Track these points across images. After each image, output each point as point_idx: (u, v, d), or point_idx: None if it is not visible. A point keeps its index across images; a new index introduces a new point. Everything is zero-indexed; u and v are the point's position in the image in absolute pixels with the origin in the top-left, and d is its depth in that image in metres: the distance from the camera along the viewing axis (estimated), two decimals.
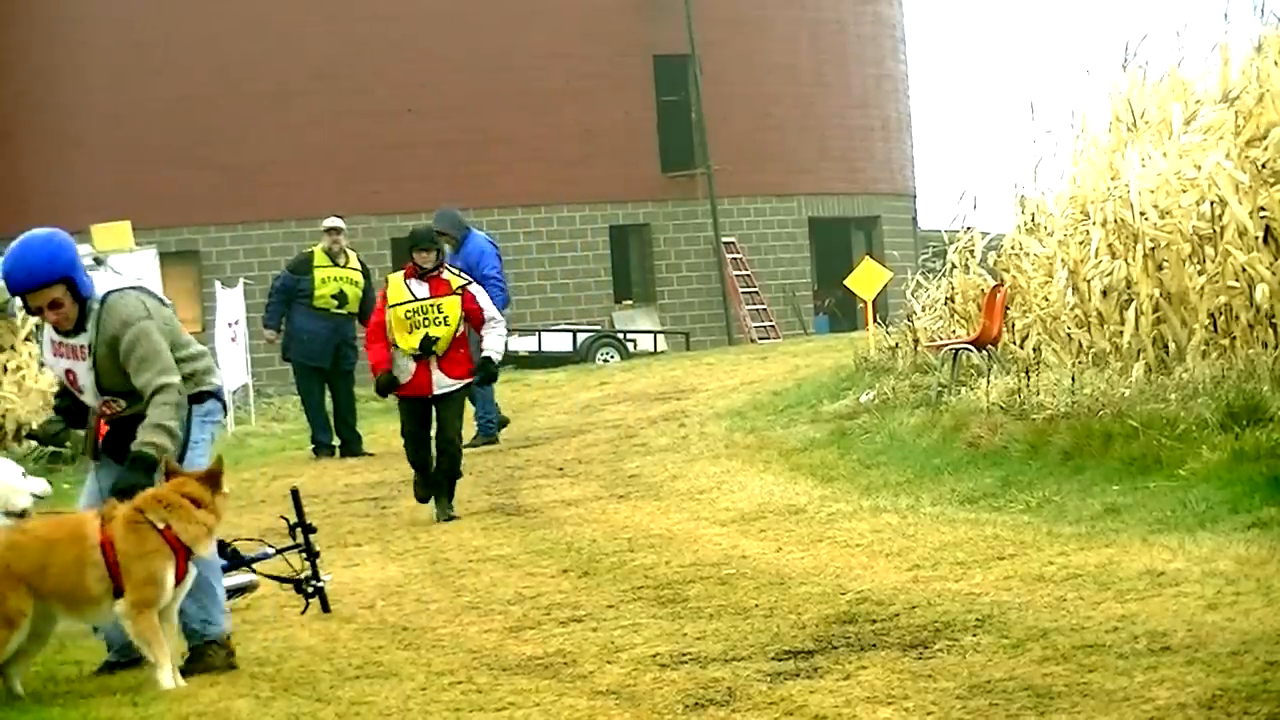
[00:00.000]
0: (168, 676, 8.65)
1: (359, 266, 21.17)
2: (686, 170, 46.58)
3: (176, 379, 9.20)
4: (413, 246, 15.29)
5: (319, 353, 20.71)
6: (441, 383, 15.01)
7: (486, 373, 15.30)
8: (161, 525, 8.75)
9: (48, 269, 9.16)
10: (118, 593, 8.71)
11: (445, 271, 15.36)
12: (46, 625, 8.87)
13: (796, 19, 47.99)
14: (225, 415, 10.02)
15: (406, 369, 15.01)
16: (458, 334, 15.05)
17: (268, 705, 8.23)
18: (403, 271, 15.44)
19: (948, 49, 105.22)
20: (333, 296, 20.69)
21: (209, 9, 43.54)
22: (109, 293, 9.32)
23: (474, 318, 15.09)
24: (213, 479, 9.02)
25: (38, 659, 9.74)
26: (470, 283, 15.44)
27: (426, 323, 14.99)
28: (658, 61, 46.52)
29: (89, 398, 9.42)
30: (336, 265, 20.76)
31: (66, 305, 9.21)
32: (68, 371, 9.38)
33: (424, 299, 15.04)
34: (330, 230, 20.97)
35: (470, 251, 20.49)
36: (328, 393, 21.01)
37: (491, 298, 20.53)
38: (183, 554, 8.77)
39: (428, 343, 14.95)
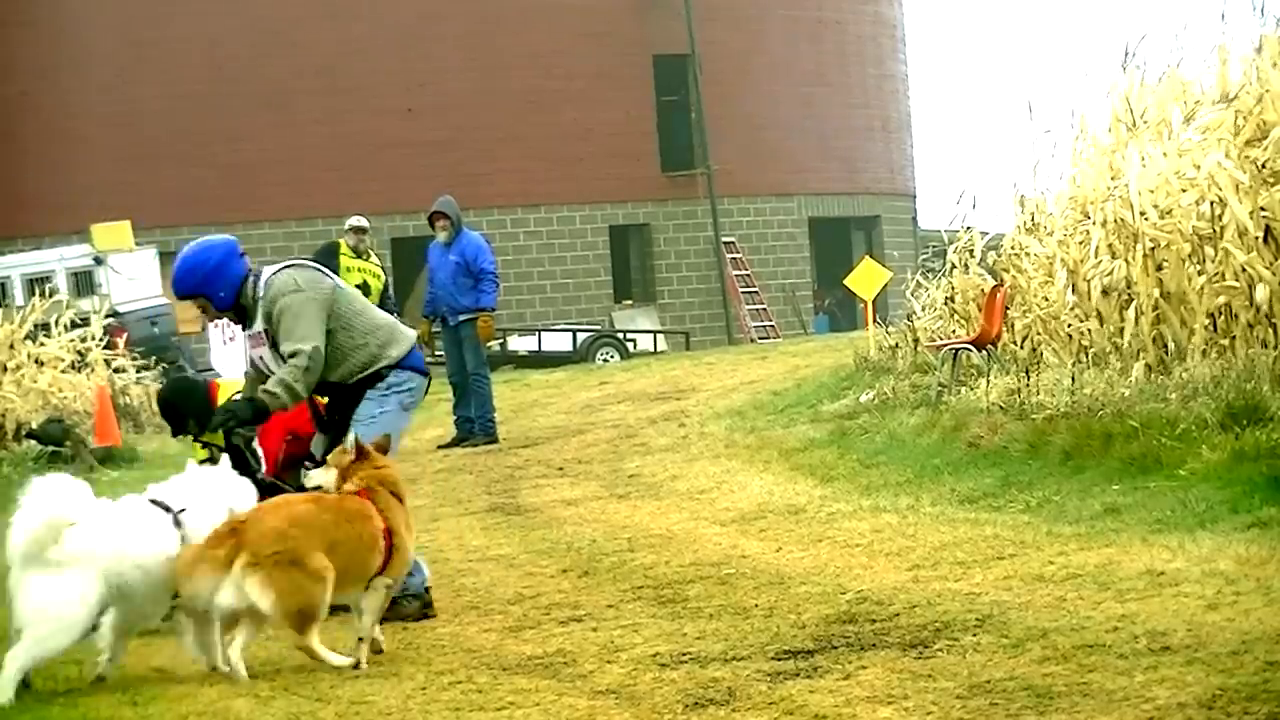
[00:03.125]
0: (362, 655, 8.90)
1: (379, 262, 21.38)
2: (686, 170, 46.59)
3: (309, 346, 9.77)
4: None
5: None
6: None
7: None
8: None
9: (192, 280, 10.00)
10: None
11: None
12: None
13: (796, 19, 48.00)
14: (421, 382, 10.19)
15: None
16: None
17: (267, 705, 8.23)
18: None
19: (948, 49, 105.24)
20: (356, 286, 20.76)
21: (209, 9, 43.56)
22: (271, 275, 9.97)
23: None
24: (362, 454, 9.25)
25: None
26: None
27: None
28: (658, 61, 46.54)
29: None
30: (359, 258, 20.87)
31: (210, 311, 10.09)
32: (258, 358, 10.04)
33: None
34: (355, 229, 21.03)
35: (468, 245, 20.55)
36: None
37: (484, 291, 20.64)
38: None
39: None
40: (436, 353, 41.35)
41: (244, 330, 10.13)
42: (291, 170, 43.14)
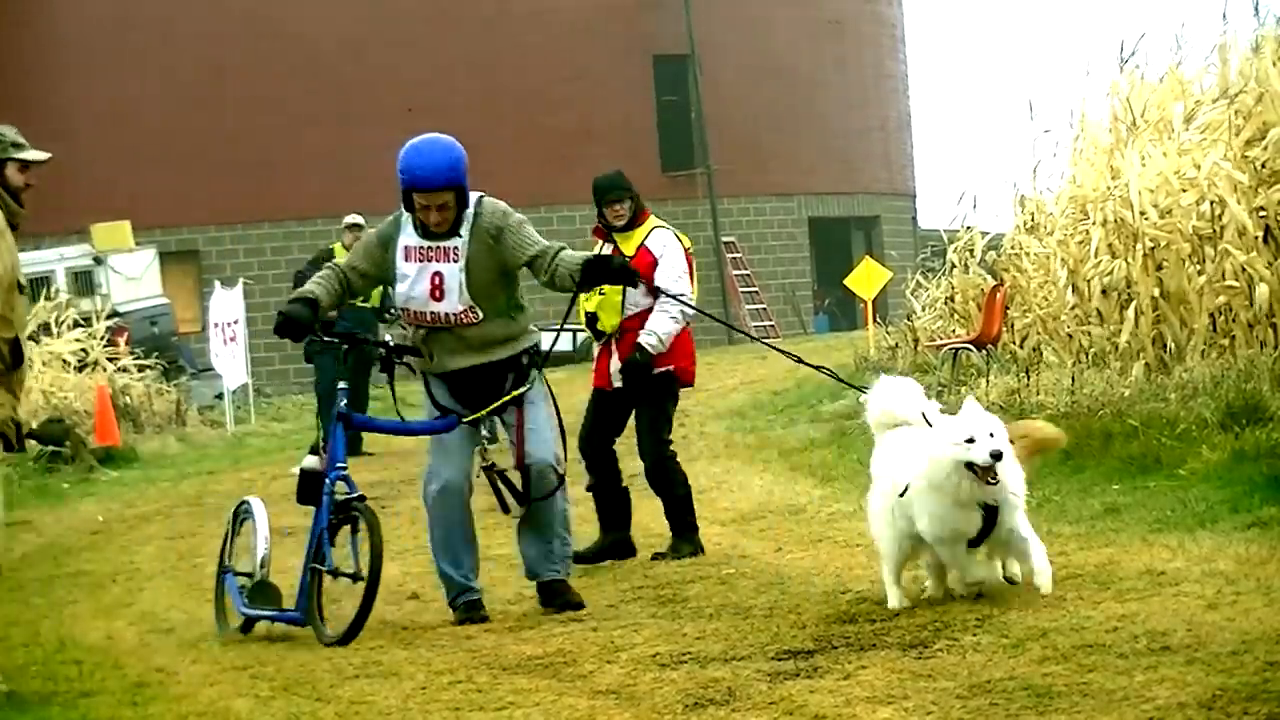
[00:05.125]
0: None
1: None
2: (686, 170, 46.58)
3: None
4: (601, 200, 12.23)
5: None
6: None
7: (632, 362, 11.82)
8: None
9: (455, 172, 9.83)
10: None
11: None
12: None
13: (796, 19, 47.98)
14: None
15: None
16: (631, 308, 11.94)
17: (267, 705, 8.23)
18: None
19: (948, 49, 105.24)
20: None
21: (209, 9, 43.54)
22: (480, 196, 9.94)
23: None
24: None
25: (38, 658, 9.76)
26: (654, 230, 12.14)
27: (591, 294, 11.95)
28: (658, 61, 46.53)
29: (450, 302, 9.77)
30: None
31: (451, 210, 9.80)
32: (434, 274, 9.75)
33: None
34: (352, 227, 21.06)
35: None
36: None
37: None
38: None
39: (590, 321, 12.17)
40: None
41: (435, 241, 9.84)
42: (291, 170, 43.12)
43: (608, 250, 11.99)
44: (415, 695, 8.17)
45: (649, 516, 13.66)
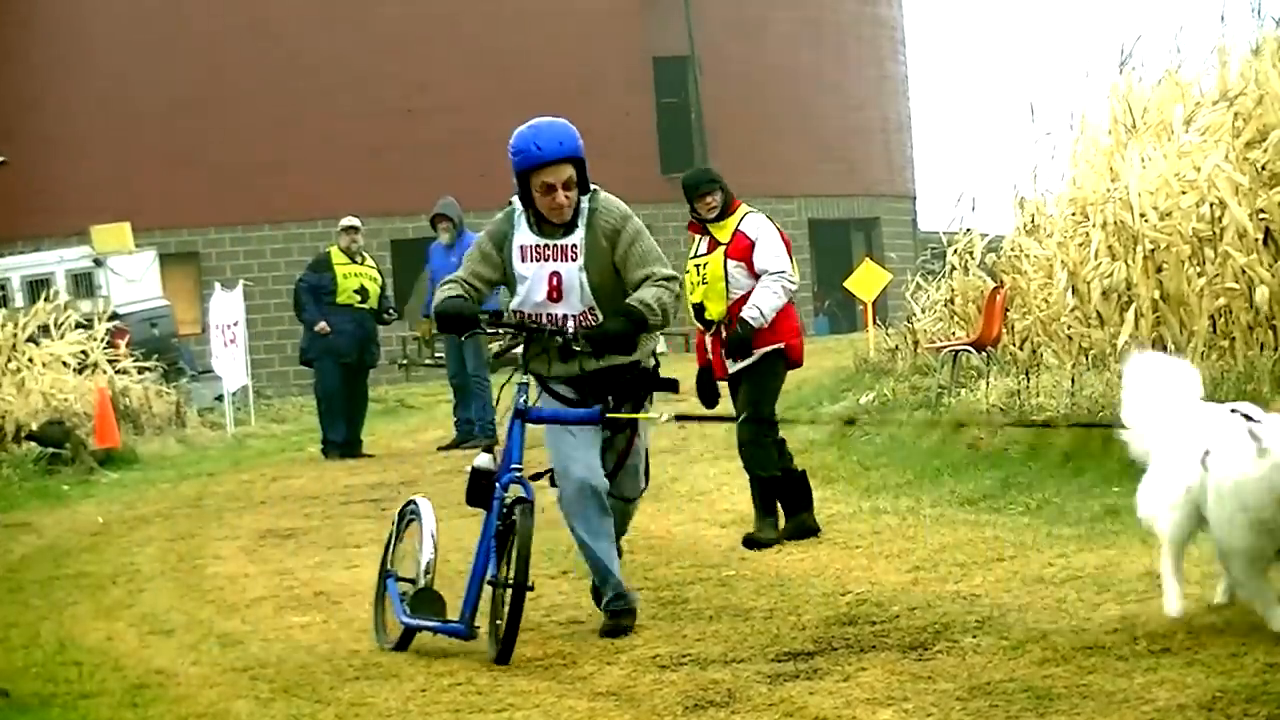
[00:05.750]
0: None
1: (375, 265, 21.42)
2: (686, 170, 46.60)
3: (677, 276, 9.10)
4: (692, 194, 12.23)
5: (346, 347, 20.74)
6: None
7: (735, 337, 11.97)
8: None
9: (574, 142, 8.99)
10: None
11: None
12: None
13: (796, 19, 47.99)
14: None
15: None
16: (736, 292, 12.02)
17: (267, 706, 8.23)
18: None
19: (948, 49, 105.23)
20: (355, 291, 20.80)
21: (208, 9, 43.55)
22: (595, 189, 9.11)
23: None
24: None
25: (38, 660, 9.76)
26: (746, 215, 12.17)
27: (694, 285, 12.17)
28: (657, 62, 46.54)
29: (571, 303, 9.04)
30: (354, 263, 20.89)
31: (574, 192, 8.98)
32: (551, 275, 9.00)
33: (701, 256, 12.19)
34: (348, 229, 21.08)
35: (466, 244, 20.53)
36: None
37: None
38: None
39: (698, 312, 12.29)
40: (436, 354, 41.30)
41: (552, 239, 9.02)
42: (291, 172, 43.12)
43: (704, 244, 12.18)
44: (415, 697, 8.17)
45: (648, 519, 13.67)
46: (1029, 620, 8.43)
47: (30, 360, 25.02)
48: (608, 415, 9.05)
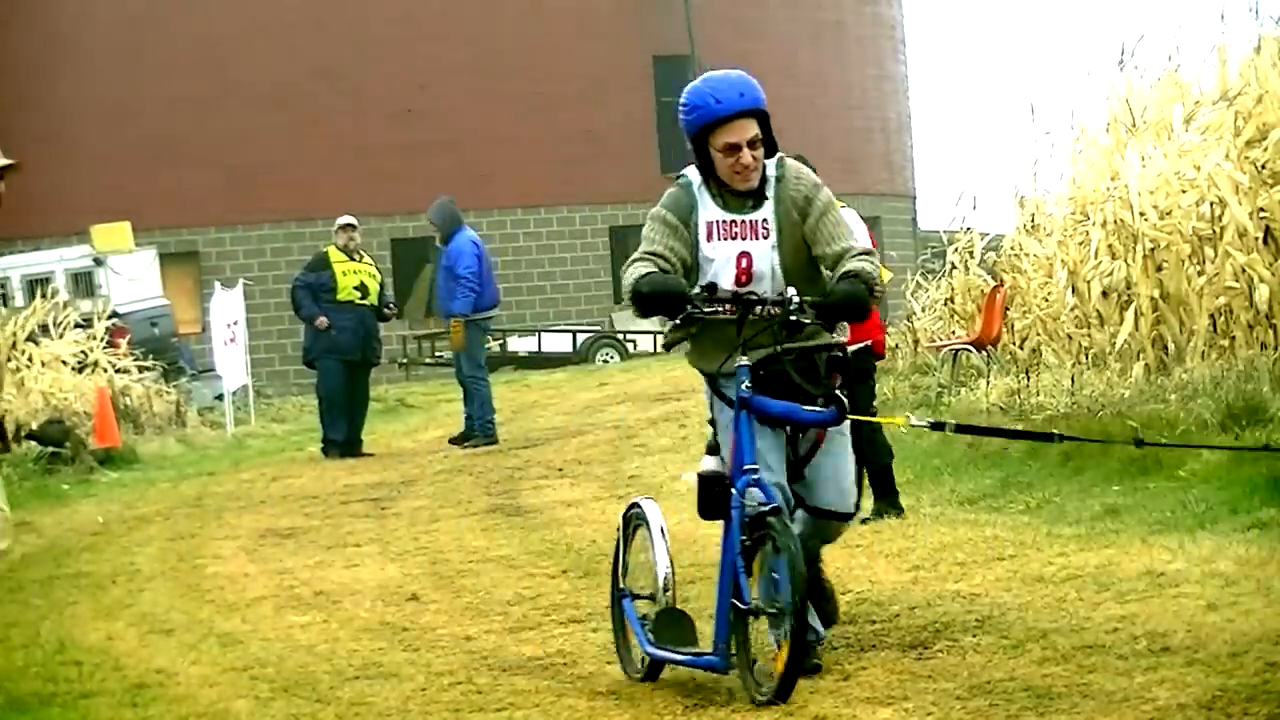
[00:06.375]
0: None
1: (373, 262, 21.44)
2: None
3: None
4: None
5: (349, 345, 20.72)
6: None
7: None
8: None
9: (756, 94, 7.88)
10: None
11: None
12: None
13: (796, 19, 48.00)
14: None
15: None
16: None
17: (267, 706, 8.23)
18: None
19: (948, 49, 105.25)
20: (355, 288, 20.79)
21: (209, 9, 43.56)
22: (780, 156, 7.86)
23: None
24: None
25: (38, 660, 9.76)
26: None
27: None
28: (658, 62, 46.54)
29: (760, 289, 7.66)
30: (353, 260, 20.90)
31: (760, 152, 7.71)
32: (741, 255, 7.65)
33: None
34: (345, 227, 21.08)
35: (452, 250, 20.54)
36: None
37: (456, 298, 20.43)
38: None
39: None
40: (436, 353, 41.12)
41: (738, 214, 7.68)
42: (291, 171, 43.14)
43: None
44: (415, 697, 8.17)
45: None
46: (1029, 620, 8.43)
47: (30, 360, 25.03)
48: (849, 417, 7.74)
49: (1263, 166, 15.64)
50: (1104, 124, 19.29)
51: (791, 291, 7.57)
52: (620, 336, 41.95)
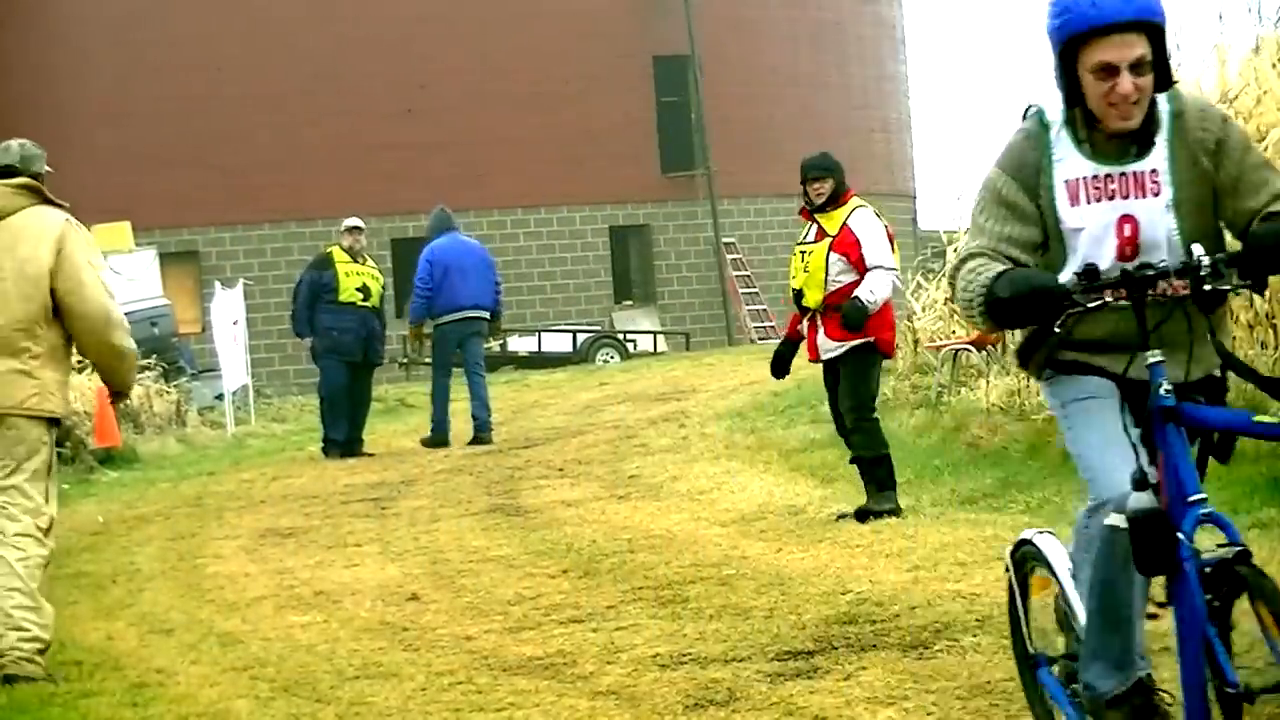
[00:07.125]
0: None
1: (375, 265, 21.59)
2: (686, 171, 46.60)
3: None
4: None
5: (351, 346, 20.77)
6: (826, 345, 12.76)
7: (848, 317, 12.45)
8: None
9: (1150, 7, 5.37)
10: None
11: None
12: None
13: (796, 19, 48.01)
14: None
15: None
16: (834, 284, 12.59)
17: (267, 705, 8.23)
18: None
19: (948, 49, 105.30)
20: (357, 289, 20.83)
21: (208, 10, 43.57)
22: (1175, 86, 5.62)
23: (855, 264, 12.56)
24: None
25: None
26: (855, 210, 12.78)
27: (797, 272, 12.76)
28: (658, 62, 46.56)
29: (1155, 259, 5.45)
30: (356, 262, 20.95)
31: (1149, 81, 5.43)
32: (1122, 220, 5.48)
33: (807, 243, 12.81)
34: (352, 229, 21.15)
35: (430, 254, 21.03)
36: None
37: (412, 305, 21.22)
38: None
39: (797, 297, 12.84)
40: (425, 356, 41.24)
41: (1120, 165, 5.46)
42: (291, 171, 43.15)
43: (812, 232, 12.72)
44: (415, 696, 8.17)
45: (648, 518, 13.67)
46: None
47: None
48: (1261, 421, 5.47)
49: None
50: None
51: (1199, 250, 5.37)
52: (620, 336, 41.97)
